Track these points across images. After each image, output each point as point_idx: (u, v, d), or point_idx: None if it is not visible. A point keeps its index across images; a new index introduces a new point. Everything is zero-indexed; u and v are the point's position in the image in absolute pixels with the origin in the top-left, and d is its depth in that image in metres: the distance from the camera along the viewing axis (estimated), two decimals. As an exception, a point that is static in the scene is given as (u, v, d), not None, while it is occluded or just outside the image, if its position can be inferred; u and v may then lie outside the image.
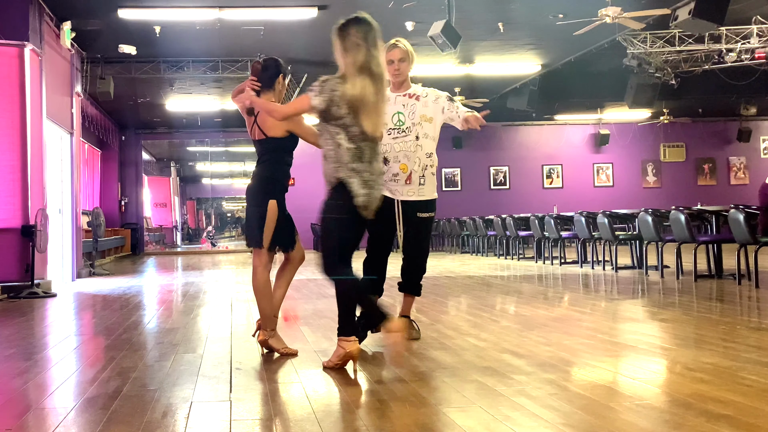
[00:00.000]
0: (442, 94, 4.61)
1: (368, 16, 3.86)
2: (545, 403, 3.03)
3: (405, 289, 4.75)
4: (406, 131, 4.52)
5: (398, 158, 4.53)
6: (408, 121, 4.52)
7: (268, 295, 4.34)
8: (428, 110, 4.55)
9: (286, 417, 2.99)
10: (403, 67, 4.55)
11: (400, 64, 4.54)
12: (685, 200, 17.81)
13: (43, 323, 6.40)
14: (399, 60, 4.53)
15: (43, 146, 9.38)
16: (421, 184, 4.55)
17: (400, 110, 4.56)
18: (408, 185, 4.54)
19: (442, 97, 4.59)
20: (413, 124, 4.52)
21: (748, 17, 12.34)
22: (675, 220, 8.47)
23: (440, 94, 4.61)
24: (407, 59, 4.56)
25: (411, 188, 4.54)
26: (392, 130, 4.54)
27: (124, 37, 12.07)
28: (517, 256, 13.79)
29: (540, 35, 12.86)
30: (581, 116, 21.68)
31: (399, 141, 4.52)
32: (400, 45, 4.56)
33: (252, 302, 6.80)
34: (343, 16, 3.91)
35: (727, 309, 6.08)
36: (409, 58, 4.57)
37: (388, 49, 4.51)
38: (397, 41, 4.58)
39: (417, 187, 4.54)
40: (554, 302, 6.91)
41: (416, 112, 4.53)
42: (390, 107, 4.52)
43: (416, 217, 4.56)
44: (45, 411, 3.19)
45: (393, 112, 4.55)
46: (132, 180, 21.44)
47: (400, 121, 4.54)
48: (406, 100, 4.58)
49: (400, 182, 4.53)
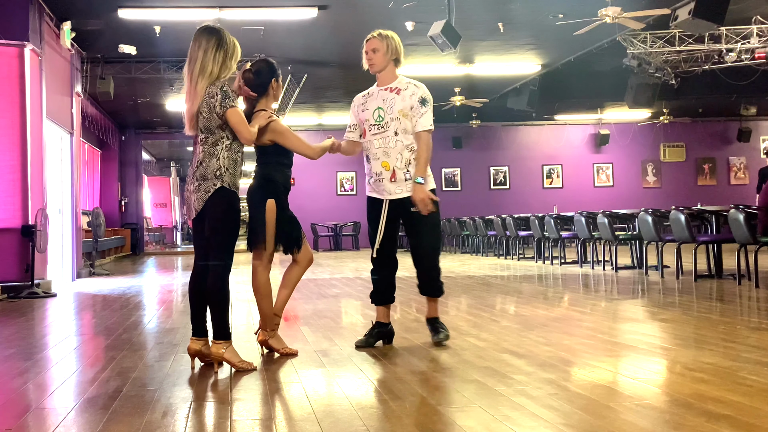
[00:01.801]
0: (418, 92, 4.41)
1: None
2: (545, 403, 3.03)
3: (422, 291, 4.61)
4: (385, 126, 4.41)
5: (377, 156, 4.43)
6: (387, 116, 4.40)
7: (268, 295, 4.34)
8: (406, 104, 4.39)
9: (286, 417, 2.99)
10: (376, 58, 4.44)
11: (372, 54, 4.44)
12: (685, 200, 17.83)
13: (43, 323, 6.40)
14: (372, 50, 4.45)
15: (43, 146, 9.38)
16: (407, 179, 4.40)
17: (380, 105, 4.45)
18: (393, 183, 4.42)
19: (416, 94, 4.40)
20: (391, 119, 4.39)
21: (748, 17, 12.34)
22: (675, 220, 8.47)
23: (417, 91, 4.41)
24: (381, 49, 4.43)
25: (398, 185, 4.42)
26: (373, 126, 4.45)
27: (124, 37, 12.07)
28: (517, 256, 13.79)
29: (540, 35, 12.86)
30: (581, 116, 21.69)
31: (378, 137, 4.43)
32: (374, 35, 4.48)
33: (252, 302, 6.80)
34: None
35: (727, 309, 6.08)
36: (384, 48, 4.44)
37: (366, 40, 4.50)
38: (378, 32, 4.50)
39: (404, 183, 4.40)
40: (554, 302, 6.91)
41: (394, 107, 4.39)
42: (372, 103, 4.47)
43: (410, 213, 4.42)
44: (45, 411, 3.19)
45: (374, 108, 4.46)
46: (132, 180, 21.45)
47: (380, 117, 4.42)
48: (386, 94, 4.45)
49: (385, 181, 4.43)
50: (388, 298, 4.59)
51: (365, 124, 4.51)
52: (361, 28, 12.32)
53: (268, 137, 4.25)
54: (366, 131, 4.51)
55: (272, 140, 4.26)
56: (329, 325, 5.52)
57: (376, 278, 4.59)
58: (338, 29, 12.04)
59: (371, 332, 4.53)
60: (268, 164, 4.33)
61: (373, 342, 4.49)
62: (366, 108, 4.51)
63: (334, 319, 5.91)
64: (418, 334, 4.91)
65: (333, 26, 11.78)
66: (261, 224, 4.23)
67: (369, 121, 4.47)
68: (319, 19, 11.16)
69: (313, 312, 6.31)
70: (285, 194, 4.34)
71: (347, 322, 5.93)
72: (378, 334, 4.52)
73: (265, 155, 4.34)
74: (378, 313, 4.58)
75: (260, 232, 4.24)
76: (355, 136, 4.63)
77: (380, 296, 4.58)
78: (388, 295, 4.58)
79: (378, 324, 4.54)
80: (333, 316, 6.04)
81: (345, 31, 12.29)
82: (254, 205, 4.27)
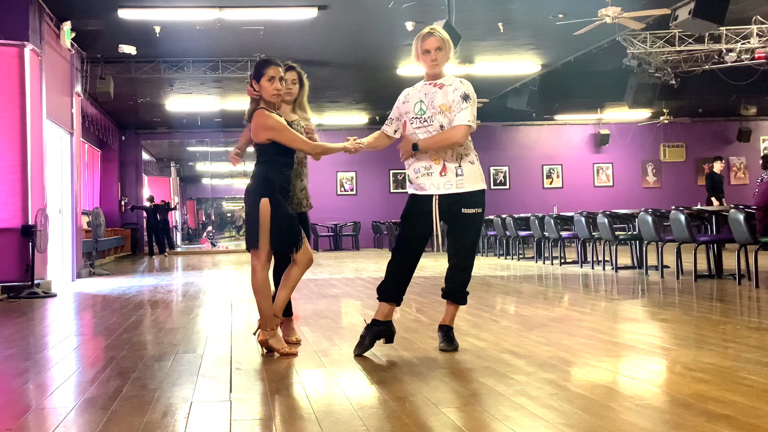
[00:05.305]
0: (462, 88, 4.23)
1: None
2: (545, 403, 3.03)
3: (446, 294, 4.37)
4: (429, 120, 4.27)
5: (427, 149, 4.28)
6: (429, 110, 4.27)
7: (267, 295, 4.33)
8: (447, 99, 4.25)
9: (286, 417, 2.99)
10: (440, 57, 4.27)
11: (437, 54, 4.26)
12: (685, 200, 17.81)
13: (43, 323, 6.39)
14: (435, 49, 4.26)
15: (43, 146, 9.38)
16: (459, 174, 4.25)
17: (421, 98, 4.31)
18: (443, 177, 4.25)
19: (459, 89, 4.24)
20: (434, 114, 4.25)
21: (748, 17, 12.34)
22: (675, 220, 8.47)
23: (461, 87, 4.24)
24: (444, 47, 4.28)
25: (447, 180, 4.25)
26: (414, 119, 4.32)
27: (124, 37, 12.07)
28: (517, 256, 13.79)
29: (540, 35, 12.86)
30: (581, 116, 21.69)
31: (422, 131, 4.28)
32: (436, 33, 4.29)
33: (252, 302, 6.80)
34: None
35: (727, 309, 6.08)
36: (446, 46, 4.29)
37: (423, 38, 4.29)
38: (433, 29, 4.32)
39: (454, 179, 4.25)
40: (554, 302, 6.91)
41: (435, 101, 4.25)
42: (415, 96, 4.35)
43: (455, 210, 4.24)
44: (45, 411, 3.19)
45: (416, 101, 4.33)
46: (132, 180, 21.46)
47: (422, 110, 4.29)
48: (429, 88, 4.31)
49: (435, 174, 4.26)
50: (396, 298, 4.33)
51: (406, 117, 4.37)
52: (361, 28, 12.52)
53: (265, 135, 4.25)
54: (407, 124, 4.37)
55: (270, 138, 4.25)
56: (329, 325, 5.52)
57: (391, 270, 4.34)
58: (338, 29, 12.04)
59: (366, 334, 4.28)
60: (265, 163, 4.32)
61: (369, 346, 4.26)
62: (408, 101, 4.39)
63: (334, 319, 5.91)
64: (418, 335, 4.91)
65: (333, 26, 11.77)
66: (257, 224, 4.23)
67: (410, 114, 4.34)
68: (319, 19, 11.15)
69: (313, 312, 6.31)
70: (282, 194, 4.31)
71: (347, 322, 5.92)
72: (376, 333, 4.27)
73: (264, 154, 4.33)
74: (379, 310, 4.32)
75: (255, 231, 4.24)
76: (389, 130, 4.51)
77: (388, 292, 4.31)
78: (396, 294, 4.33)
79: (375, 322, 4.28)
80: (333, 316, 6.04)
81: (345, 31, 12.29)
82: (250, 204, 4.27)
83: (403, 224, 4.40)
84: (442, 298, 4.41)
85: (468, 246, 4.34)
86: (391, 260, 4.36)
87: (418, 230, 4.32)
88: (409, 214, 4.37)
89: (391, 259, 4.37)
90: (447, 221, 4.33)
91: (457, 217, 4.28)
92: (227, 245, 27.53)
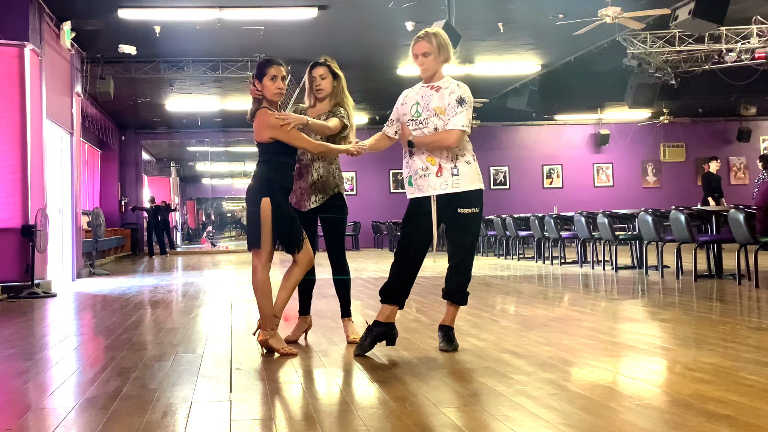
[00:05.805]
0: (458, 92, 4.25)
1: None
2: (545, 403, 3.03)
3: (446, 295, 4.37)
4: (424, 122, 4.29)
5: (422, 150, 4.30)
6: (424, 112, 4.29)
7: (268, 295, 4.33)
8: (443, 102, 4.26)
9: (286, 417, 2.99)
10: (428, 62, 4.28)
11: (424, 59, 4.28)
12: (685, 200, 17.81)
13: (43, 323, 6.40)
14: (422, 54, 4.28)
15: (43, 146, 9.38)
16: (455, 174, 4.26)
17: (418, 101, 4.34)
18: (440, 178, 4.26)
19: (455, 93, 4.25)
20: (429, 116, 4.27)
21: (748, 17, 12.34)
22: (675, 220, 8.47)
23: (457, 90, 4.25)
24: (434, 52, 4.27)
25: (443, 181, 4.26)
26: (411, 120, 4.34)
27: (124, 37, 12.07)
28: (517, 256, 13.79)
29: (540, 35, 12.86)
30: (581, 116, 21.69)
31: (417, 132, 4.30)
32: (426, 38, 4.29)
33: (252, 302, 6.80)
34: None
35: (727, 309, 6.08)
36: (437, 51, 4.27)
37: (414, 42, 4.31)
38: (425, 33, 4.32)
39: (450, 179, 4.26)
40: (554, 302, 6.91)
41: (430, 104, 4.27)
42: (412, 98, 4.38)
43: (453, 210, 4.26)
44: (45, 411, 3.19)
45: (412, 103, 4.36)
46: (132, 180, 21.46)
47: (417, 112, 4.32)
48: (425, 90, 4.33)
49: (431, 176, 4.27)
50: (398, 300, 4.30)
51: (404, 118, 4.39)
52: (361, 28, 12.51)
53: (268, 134, 4.25)
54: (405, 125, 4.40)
55: (273, 137, 4.25)
56: (329, 325, 5.52)
57: (394, 272, 4.32)
58: (338, 29, 12.04)
59: (367, 335, 4.27)
60: (267, 163, 4.33)
61: (370, 347, 4.24)
62: (406, 102, 4.42)
63: (334, 319, 5.90)
64: (418, 335, 4.91)
65: (333, 26, 11.77)
66: (258, 223, 4.23)
67: (407, 115, 4.37)
68: (319, 19, 11.15)
69: (313, 312, 6.28)
70: (283, 194, 4.33)
71: (347, 322, 5.91)
72: (378, 334, 4.24)
73: (265, 153, 4.34)
74: (381, 312, 4.29)
75: (257, 231, 4.24)
76: (390, 131, 4.53)
77: (391, 294, 4.29)
78: (399, 296, 4.30)
79: (377, 323, 4.26)
80: (333, 316, 6.03)
81: (345, 31, 12.29)
82: (251, 204, 4.27)
83: (405, 227, 4.41)
84: (442, 298, 4.41)
85: (467, 246, 4.34)
86: (394, 263, 4.36)
87: (420, 232, 4.31)
88: (409, 217, 4.38)
89: (394, 261, 4.37)
90: (445, 222, 4.34)
91: (454, 218, 4.30)
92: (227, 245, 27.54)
